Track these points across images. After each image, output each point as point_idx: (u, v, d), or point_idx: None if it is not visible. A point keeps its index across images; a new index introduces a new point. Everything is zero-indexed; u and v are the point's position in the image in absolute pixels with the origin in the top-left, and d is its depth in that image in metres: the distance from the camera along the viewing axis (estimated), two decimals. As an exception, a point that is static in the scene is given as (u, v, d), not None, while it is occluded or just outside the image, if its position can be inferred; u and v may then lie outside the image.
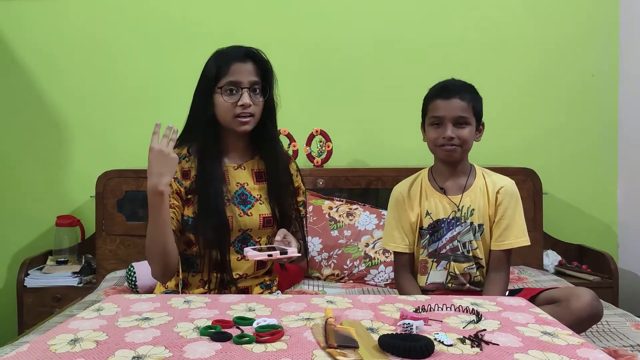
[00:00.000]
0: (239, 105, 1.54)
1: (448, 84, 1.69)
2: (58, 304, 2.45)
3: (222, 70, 1.54)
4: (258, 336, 0.97)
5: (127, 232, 2.62)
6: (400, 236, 1.75)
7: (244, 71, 1.56)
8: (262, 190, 1.64)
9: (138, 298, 1.29)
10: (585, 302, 1.49)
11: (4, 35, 2.85)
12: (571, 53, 2.91)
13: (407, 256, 1.77)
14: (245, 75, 1.56)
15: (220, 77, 1.55)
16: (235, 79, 1.55)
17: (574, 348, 0.96)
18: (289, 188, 1.70)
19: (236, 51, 1.58)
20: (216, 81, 1.55)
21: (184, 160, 1.62)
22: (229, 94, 1.55)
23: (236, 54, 1.57)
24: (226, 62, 1.55)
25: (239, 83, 1.55)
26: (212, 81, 1.55)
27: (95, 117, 2.89)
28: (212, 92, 1.56)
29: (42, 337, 1.01)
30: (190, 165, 1.61)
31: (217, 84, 1.55)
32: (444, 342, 0.96)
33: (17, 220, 2.88)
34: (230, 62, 1.55)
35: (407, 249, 1.75)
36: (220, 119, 1.58)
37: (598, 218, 2.95)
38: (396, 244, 1.76)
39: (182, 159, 1.62)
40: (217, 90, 1.55)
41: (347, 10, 2.90)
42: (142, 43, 2.88)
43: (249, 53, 1.58)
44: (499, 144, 2.75)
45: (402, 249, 1.75)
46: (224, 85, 1.54)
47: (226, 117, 1.56)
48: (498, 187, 1.70)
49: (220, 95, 1.55)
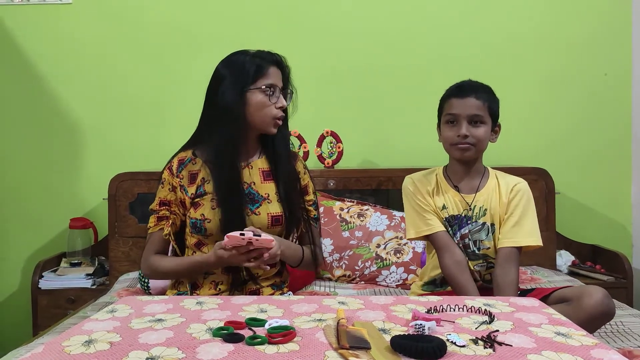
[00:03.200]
0: (277, 108, 1.57)
1: (464, 84, 1.70)
2: (72, 306, 2.47)
3: (260, 70, 1.56)
4: (270, 337, 0.97)
5: (140, 234, 2.63)
6: (432, 216, 1.69)
7: (277, 76, 1.59)
8: (269, 189, 1.65)
9: (151, 299, 1.30)
10: (597, 300, 1.48)
11: (17, 41, 2.88)
12: (583, 52, 2.90)
13: (446, 234, 1.68)
14: (278, 80, 1.59)
15: (258, 77, 1.56)
16: (273, 81, 1.57)
17: (588, 349, 0.95)
18: (297, 188, 1.70)
19: (270, 56, 1.60)
20: (253, 82, 1.56)
21: (190, 163, 1.63)
22: (268, 95, 1.56)
23: (271, 59, 1.59)
24: (264, 64, 1.57)
25: (275, 86, 1.58)
26: (248, 81, 1.55)
27: (107, 120, 2.91)
28: (246, 90, 1.56)
29: (57, 339, 1.01)
30: (198, 167, 1.62)
31: (254, 83, 1.56)
32: (457, 343, 0.95)
33: (31, 222, 2.91)
34: (268, 64, 1.57)
35: (441, 226, 1.68)
36: (254, 117, 1.57)
37: (612, 218, 2.92)
38: (431, 226, 1.68)
39: (188, 162, 1.63)
40: (253, 89, 1.56)
41: (358, 11, 2.91)
42: (152, 48, 2.90)
43: (279, 59, 1.61)
44: (511, 144, 2.74)
45: (439, 227, 1.68)
46: (263, 85, 1.55)
47: (264, 116, 1.57)
48: (511, 186, 1.70)
49: (260, 94, 1.56)
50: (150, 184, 2.60)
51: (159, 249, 1.64)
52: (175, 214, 1.62)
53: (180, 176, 1.62)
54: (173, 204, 1.62)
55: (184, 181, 1.61)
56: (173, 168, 1.63)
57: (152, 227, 1.64)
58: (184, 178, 1.61)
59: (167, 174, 1.63)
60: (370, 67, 2.91)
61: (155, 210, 1.64)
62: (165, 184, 1.63)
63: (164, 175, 1.64)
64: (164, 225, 1.62)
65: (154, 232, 1.63)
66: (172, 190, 1.62)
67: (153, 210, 1.64)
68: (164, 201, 1.63)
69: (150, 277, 1.84)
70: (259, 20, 2.89)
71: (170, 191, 1.62)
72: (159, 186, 1.64)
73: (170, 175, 1.62)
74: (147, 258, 1.64)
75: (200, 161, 1.63)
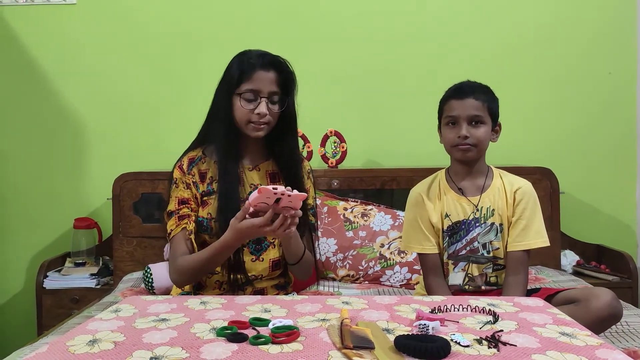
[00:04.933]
0: (255, 113, 1.54)
1: (463, 85, 1.69)
2: (76, 306, 2.48)
3: (244, 75, 1.54)
4: (274, 337, 0.97)
5: (144, 234, 2.63)
6: (425, 237, 1.71)
7: (265, 80, 1.54)
8: None
9: (155, 299, 1.30)
10: (605, 302, 1.47)
11: (22, 42, 2.89)
12: (588, 51, 2.89)
13: (436, 257, 1.72)
14: (266, 84, 1.54)
15: (242, 82, 1.54)
16: (256, 87, 1.54)
17: (593, 349, 0.94)
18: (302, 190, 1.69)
19: (261, 59, 1.56)
20: (237, 85, 1.55)
21: (200, 162, 1.63)
22: (247, 100, 1.54)
23: (260, 62, 1.55)
24: (249, 68, 1.54)
25: (258, 92, 1.54)
26: (233, 85, 1.55)
27: (111, 120, 2.92)
28: (232, 95, 1.56)
29: (61, 338, 1.02)
30: (207, 166, 1.62)
31: (237, 88, 1.55)
32: (461, 343, 0.95)
33: (35, 222, 2.92)
34: (253, 69, 1.54)
35: (434, 249, 1.71)
36: (237, 121, 1.57)
37: (616, 217, 2.91)
38: (422, 246, 1.71)
39: (198, 160, 1.63)
40: (236, 94, 1.55)
41: (362, 11, 2.90)
42: (156, 48, 2.91)
43: (274, 62, 1.57)
44: (515, 143, 2.74)
45: (430, 249, 1.71)
46: (243, 91, 1.54)
47: (241, 122, 1.56)
48: (516, 187, 1.69)
49: (239, 100, 1.54)
50: (154, 184, 2.61)
51: (185, 250, 1.55)
52: (195, 211, 1.59)
53: (192, 173, 1.61)
54: (192, 200, 1.60)
55: (195, 178, 1.60)
56: (184, 166, 1.62)
57: (174, 229, 1.57)
58: (195, 175, 1.61)
59: (178, 173, 1.62)
60: (374, 67, 2.90)
61: (174, 211, 1.59)
62: (179, 183, 1.61)
63: (175, 175, 1.62)
64: (186, 224, 1.57)
65: (177, 234, 1.57)
66: (187, 188, 1.60)
67: (171, 212, 1.59)
68: (182, 200, 1.59)
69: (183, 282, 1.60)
70: (263, 21, 2.89)
71: (186, 189, 1.60)
72: (172, 186, 1.61)
73: (181, 173, 1.61)
74: (174, 262, 1.56)
75: (209, 160, 1.63)
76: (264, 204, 1.31)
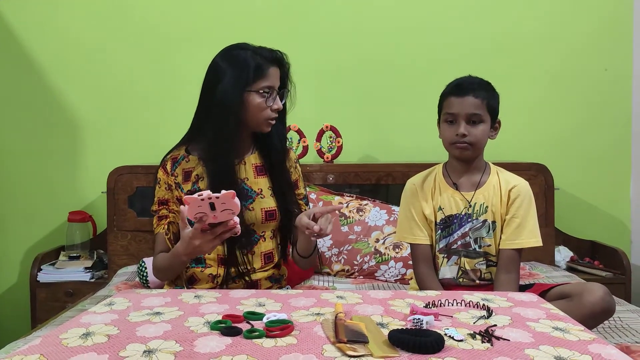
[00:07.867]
0: (273, 109, 1.56)
1: (463, 81, 1.68)
2: (70, 299, 2.47)
3: (259, 72, 1.53)
4: (268, 331, 0.98)
5: (138, 228, 2.63)
6: (418, 227, 1.72)
7: (276, 76, 1.58)
8: (262, 184, 1.64)
9: (149, 293, 1.30)
10: (598, 297, 1.48)
11: (17, 35, 2.87)
12: (584, 48, 2.89)
13: (427, 248, 1.73)
14: (276, 80, 1.58)
15: (258, 78, 1.54)
16: (271, 83, 1.56)
17: (586, 344, 0.95)
18: (290, 182, 1.70)
19: (270, 54, 1.57)
20: (252, 83, 1.53)
21: (183, 161, 1.62)
22: (263, 97, 1.55)
23: (271, 58, 1.56)
24: (265, 64, 1.54)
25: (272, 88, 1.56)
26: (247, 81, 1.53)
27: (106, 114, 2.91)
28: (244, 92, 1.54)
29: (55, 331, 1.01)
30: (191, 165, 1.61)
31: (252, 85, 1.54)
32: (455, 338, 0.95)
33: (30, 216, 2.91)
34: (268, 65, 1.55)
35: (426, 240, 1.72)
36: (249, 118, 1.56)
37: (610, 214, 2.92)
38: (415, 236, 1.72)
39: (182, 159, 1.62)
40: (251, 91, 1.54)
41: (358, 6, 2.90)
42: (151, 42, 2.89)
43: (279, 58, 1.59)
44: (510, 139, 2.73)
45: (422, 240, 1.72)
46: (261, 88, 1.54)
47: (259, 117, 1.56)
48: (511, 185, 1.69)
49: (256, 96, 1.54)
50: (149, 178, 2.60)
51: (163, 248, 1.60)
52: (174, 212, 1.61)
53: (175, 174, 1.61)
54: (171, 202, 1.61)
55: (178, 179, 1.60)
56: (167, 167, 1.62)
57: (155, 227, 1.62)
58: (178, 176, 1.60)
59: (161, 173, 1.62)
60: (370, 62, 2.90)
61: (155, 210, 1.63)
62: (161, 183, 1.61)
63: (159, 175, 1.62)
64: (164, 225, 1.60)
65: (158, 233, 1.61)
66: (168, 189, 1.61)
67: (153, 211, 1.63)
68: (161, 200, 1.62)
69: (161, 279, 1.69)
70: (259, 15, 2.88)
71: (167, 190, 1.61)
72: (156, 186, 1.63)
73: (165, 174, 1.61)
74: (154, 259, 1.62)
75: (193, 158, 1.62)
76: (202, 213, 1.28)
